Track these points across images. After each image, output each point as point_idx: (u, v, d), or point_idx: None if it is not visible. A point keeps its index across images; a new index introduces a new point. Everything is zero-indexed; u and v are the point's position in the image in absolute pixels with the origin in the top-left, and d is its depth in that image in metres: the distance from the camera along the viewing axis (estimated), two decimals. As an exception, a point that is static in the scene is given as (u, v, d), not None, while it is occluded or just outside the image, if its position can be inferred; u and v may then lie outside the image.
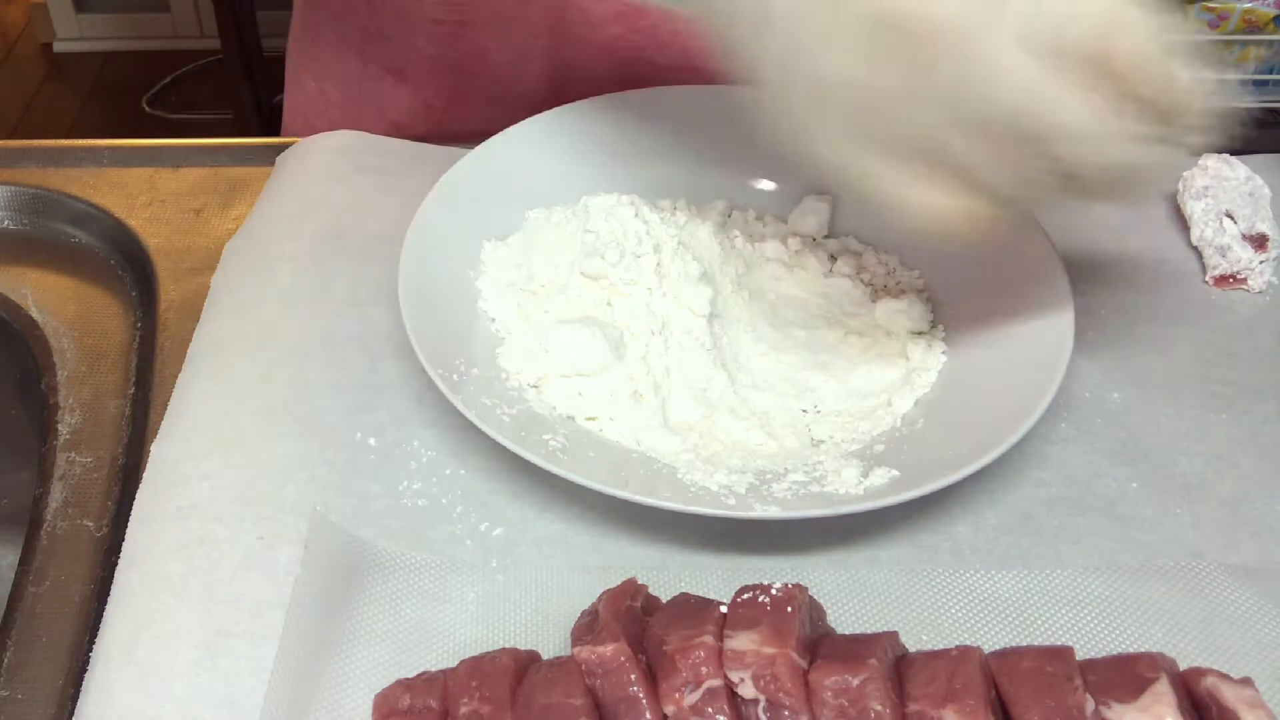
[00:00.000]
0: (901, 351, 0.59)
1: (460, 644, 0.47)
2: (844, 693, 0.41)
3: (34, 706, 0.47)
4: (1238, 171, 0.67)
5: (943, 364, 0.58)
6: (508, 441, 0.49)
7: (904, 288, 0.63)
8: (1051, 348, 0.55)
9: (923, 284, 0.63)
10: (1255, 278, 0.65)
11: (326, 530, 0.50)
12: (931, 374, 0.58)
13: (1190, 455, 0.56)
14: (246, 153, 0.74)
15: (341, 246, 0.64)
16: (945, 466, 0.50)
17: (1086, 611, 0.49)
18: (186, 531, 0.51)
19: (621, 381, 0.56)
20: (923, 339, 0.60)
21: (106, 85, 2.68)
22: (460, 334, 0.57)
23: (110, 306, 0.65)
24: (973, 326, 0.59)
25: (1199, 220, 0.66)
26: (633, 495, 0.48)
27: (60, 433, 0.58)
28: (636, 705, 0.42)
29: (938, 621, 0.49)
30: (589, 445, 0.53)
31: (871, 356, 0.59)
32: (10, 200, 0.70)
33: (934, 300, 0.62)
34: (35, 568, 0.52)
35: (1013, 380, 0.55)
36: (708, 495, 0.50)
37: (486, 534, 0.52)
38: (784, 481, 0.52)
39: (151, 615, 0.48)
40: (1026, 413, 0.51)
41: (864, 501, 0.49)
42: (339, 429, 0.56)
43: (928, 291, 0.63)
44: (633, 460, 0.53)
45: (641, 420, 0.54)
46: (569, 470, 0.49)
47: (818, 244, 0.66)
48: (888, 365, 0.59)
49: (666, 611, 0.44)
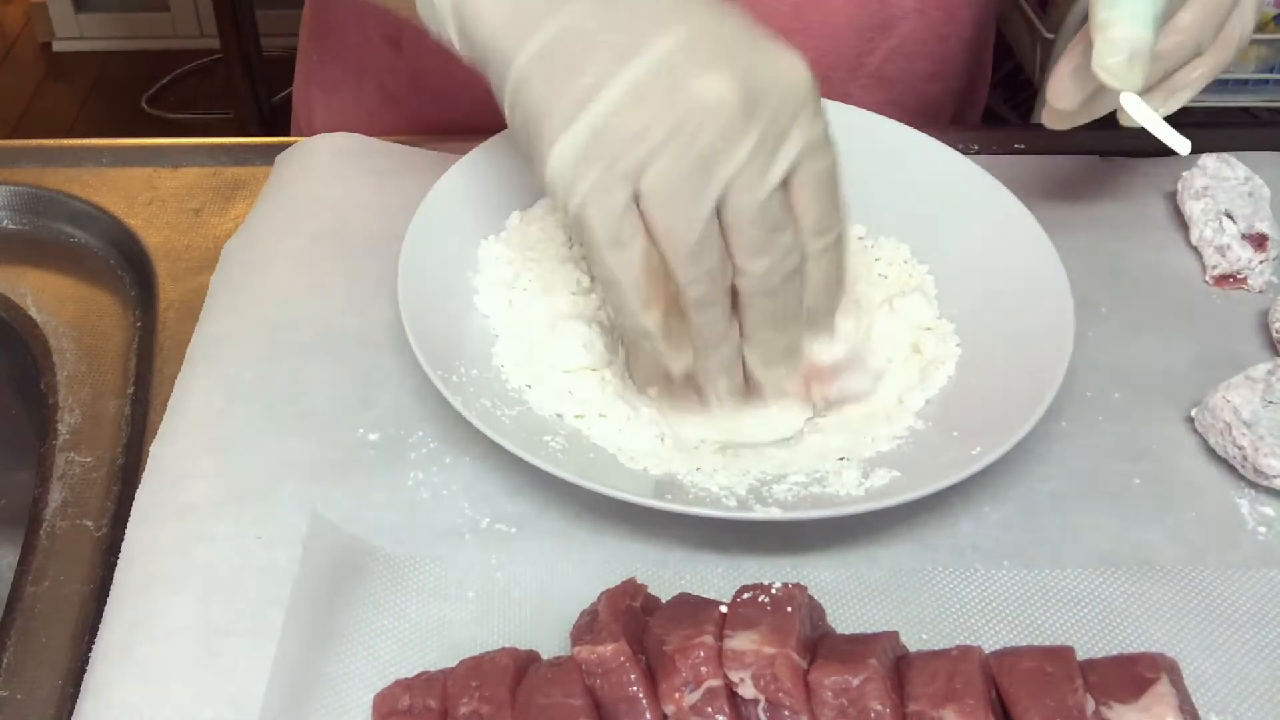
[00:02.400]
0: (915, 346, 0.59)
1: (460, 643, 0.47)
2: (844, 693, 0.41)
3: (34, 706, 0.47)
4: (1237, 171, 0.67)
5: (959, 357, 0.58)
6: (509, 444, 0.49)
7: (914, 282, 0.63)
8: (1052, 347, 0.55)
9: (933, 279, 0.63)
10: (1255, 277, 0.65)
11: (325, 529, 0.50)
12: (949, 367, 0.58)
13: (1191, 454, 0.56)
14: (246, 152, 0.74)
15: (341, 246, 0.64)
16: (946, 467, 0.50)
17: (1086, 611, 0.49)
18: (185, 530, 0.51)
19: (614, 380, 0.56)
20: (932, 334, 0.59)
21: (106, 85, 2.68)
22: (458, 335, 0.57)
23: (110, 306, 0.65)
24: (973, 326, 0.59)
25: (1198, 220, 0.66)
26: (634, 497, 0.48)
27: (60, 433, 0.58)
28: (636, 705, 0.42)
29: (938, 621, 0.49)
30: (589, 446, 0.53)
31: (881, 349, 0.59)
32: (10, 200, 0.70)
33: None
34: (35, 567, 0.52)
35: (1014, 380, 0.55)
36: (708, 497, 0.50)
37: (487, 530, 0.52)
38: (784, 483, 0.52)
39: (150, 614, 0.48)
40: (1028, 413, 0.51)
41: (865, 503, 0.49)
42: (338, 427, 0.56)
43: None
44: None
45: (632, 421, 0.54)
46: (570, 473, 0.49)
47: None
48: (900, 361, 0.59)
49: (666, 611, 0.44)
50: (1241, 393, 0.55)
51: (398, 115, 0.82)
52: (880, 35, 0.76)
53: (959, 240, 0.62)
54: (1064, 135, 0.62)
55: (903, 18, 0.76)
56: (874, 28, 0.76)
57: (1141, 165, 0.72)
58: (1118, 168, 0.72)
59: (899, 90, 0.79)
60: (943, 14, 0.77)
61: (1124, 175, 0.71)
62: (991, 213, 0.62)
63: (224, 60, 2.18)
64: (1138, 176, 0.72)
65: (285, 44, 1.04)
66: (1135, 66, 0.51)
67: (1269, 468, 0.53)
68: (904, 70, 0.79)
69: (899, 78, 0.79)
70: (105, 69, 2.72)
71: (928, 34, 0.78)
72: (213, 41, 2.26)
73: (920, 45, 0.78)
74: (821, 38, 0.75)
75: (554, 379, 0.56)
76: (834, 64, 0.76)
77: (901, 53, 0.78)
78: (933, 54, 0.79)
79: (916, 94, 0.81)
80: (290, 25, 0.94)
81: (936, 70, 0.81)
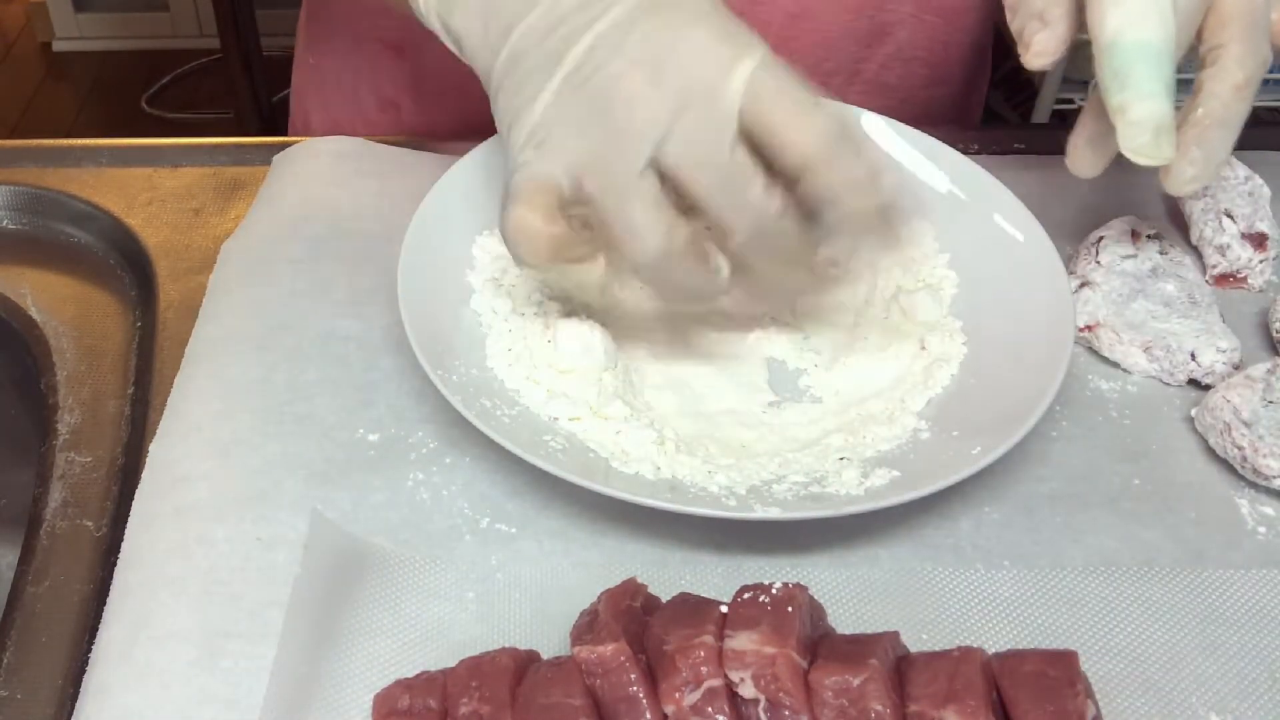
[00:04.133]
0: (918, 341, 0.59)
1: (460, 643, 0.47)
2: (844, 693, 0.41)
3: (34, 706, 0.47)
4: (1237, 171, 0.67)
5: (964, 356, 0.58)
6: (510, 444, 0.49)
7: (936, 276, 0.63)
8: (1052, 347, 0.55)
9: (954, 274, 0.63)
10: (1255, 276, 0.65)
11: (326, 529, 0.50)
12: (953, 366, 0.57)
13: (1191, 454, 0.56)
14: (246, 152, 0.74)
15: (339, 247, 0.64)
16: (946, 467, 0.50)
17: (1087, 611, 0.49)
18: (185, 532, 0.51)
19: (612, 381, 0.56)
20: (938, 332, 0.59)
21: (106, 84, 2.68)
22: (457, 334, 0.57)
23: (110, 306, 0.65)
24: (977, 325, 0.59)
25: (1198, 219, 0.66)
26: (634, 497, 0.48)
27: (60, 432, 0.58)
28: (636, 705, 0.41)
29: (938, 621, 0.49)
30: (589, 446, 0.53)
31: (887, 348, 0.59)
32: (9, 200, 0.70)
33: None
34: (35, 567, 0.52)
35: (1013, 380, 0.55)
36: (708, 497, 0.50)
37: (487, 530, 0.52)
38: (784, 483, 0.52)
39: (150, 616, 0.48)
40: (1028, 412, 0.51)
41: (865, 502, 0.49)
42: (338, 427, 0.56)
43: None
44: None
45: (630, 423, 0.54)
46: (570, 473, 0.49)
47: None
48: (904, 359, 0.59)
49: (667, 611, 0.44)
50: (1241, 392, 0.55)
51: (395, 118, 0.82)
52: (877, 41, 0.77)
53: (967, 240, 0.63)
54: (1057, 135, 0.62)
55: (899, 24, 0.76)
56: (870, 34, 0.76)
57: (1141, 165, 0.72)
58: (1117, 168, 0.72)
59: (898, 96, 0.80)
60: (940, 20, 0.78)
61: (1123, 175, 0.71)
62: (996, 212, 0.62)
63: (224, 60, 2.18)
64: (1137, 175, 0.72)
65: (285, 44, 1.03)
66: (1162, 142, 0.51)
67: (1268, 468, 0.53)
68: (902, 76, 0.79)
69: (897, 84, 0.79)
70: (105, 69, 2.72)
71: (925, 40, 0.78)
72: (212, 41, 2.26)
73: (918, 51, 0.78)
74: (818, 44, 0.75)
75: (551, 379, 0.55)
76: (832, 70, 0.76)
77: (899, 59, 0.78)
78: (931, 60, 0.79)
79: (916, 100, 0.81)
80: (290, 25, 0.94)
81: (935, 76, 0.81)
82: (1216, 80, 0.53)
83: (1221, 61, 0.53)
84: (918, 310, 0.60)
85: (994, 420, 0.52)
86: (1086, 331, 0.60)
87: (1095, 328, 0.60)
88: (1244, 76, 0.53)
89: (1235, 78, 0.53)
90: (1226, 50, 0.53)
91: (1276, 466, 0.53)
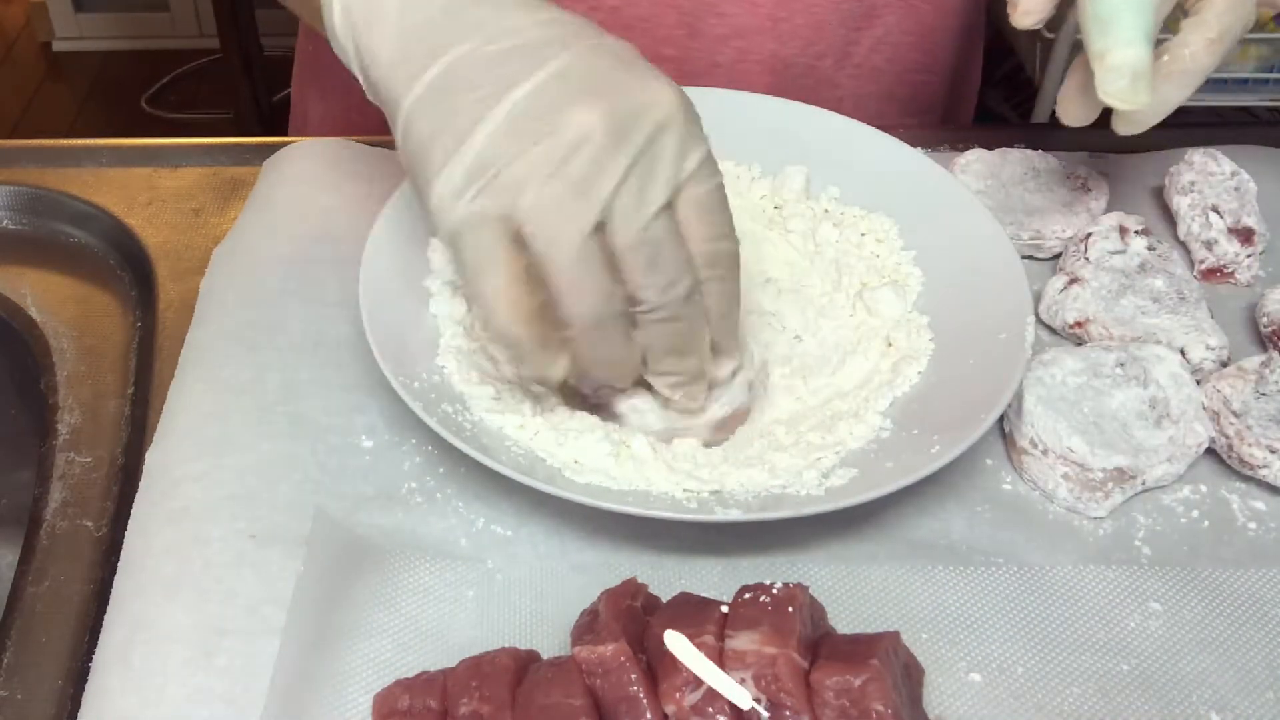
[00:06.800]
0: (885, 338, 0.59)
1: (460, 643, 0.47)
2: (845, 693, 0.41)
3: (34, 706, 0.47)
4: (1223, 166, 0.68)
5: (932, 351, 0.58)
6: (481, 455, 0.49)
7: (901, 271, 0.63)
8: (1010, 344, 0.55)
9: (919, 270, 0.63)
10: (1242, 271, 0.65)
11: (329, 528, 0.50)
12: (920, 363, 0.57)
13: (1190, 453, 0.56)
14: (246, 152, 0.74)
15: (331, 250, 0.64)
16: (907, 466, 0.50)
17: (1083, 607, 0.49)
18: (180, 533, 0.51)
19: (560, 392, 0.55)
20: (904, 328, 0.59)
21: (105, 84, 2.68)
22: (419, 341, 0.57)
23: (110, 306, 0.65)
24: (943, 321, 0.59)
25: (1185, 215, 0.67)
26: (597, 501, 0.48)
27: (60, 433, 0.58)
28: (636, 705, 0.41)
29: (938, 621, 0.49)
30: (540, 457, 0.52)
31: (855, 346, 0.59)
32: (9, 200, 0.70)
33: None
34: (35, 567, 0.52)
35: (976, 377, 0.55)
36: (669, 500, 0.50)
37: (481, 531, 0.52)
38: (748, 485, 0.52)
39: (147, 618, 0.48)
40: (987, 411, 0.51)
41: (825, 503, 0.49)
42: (331, 429, 0.55)
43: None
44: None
45: (584, 436, 0.53)
46: (527, 476, 0.49)
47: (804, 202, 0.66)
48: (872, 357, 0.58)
49: (667, 611, 0.44)
50: (1233, 383, 0.55)
51: None
52: (865, 24, 0.77)
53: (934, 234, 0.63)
54: (1056, 134, 0.62)
55: (886, 6, 0.77)
56: (858, 16, 0.77)
57: (1128, 161, 0.72)
58: (1105, 164, 0.72)
59: (888, 81, 0.80)
60: (928, 5, 0.78)
61: (1111, 171, 0.71)
62: (955, 207, 0.63)
63: (224, 60, 2.18)
64: (1125, 171, 0.72)
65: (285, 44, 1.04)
66: (1139, 87, 0.51)
67: (1253, 457, 0.53)
68: (891, 60, 0.79)
69: (886, 68, 0.80)
70: (105, 69, 2.71)
71: (914, 24, 0.79)
72: (212, 41, 2.26)
73: (906, 36, 0.79)
74: (808, 24, 0.76)
75: (501, 389, 0.55)
76: (820, 53, 0.77)
77: (888, 42, 0.79)
78: (920, 45, 0.80)
79: (906, 85, 0.81)
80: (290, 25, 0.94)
81: (924, 61, 0.81)
82: (1192, 30, 0.54)
83: (1202, 14, 0.54)
84: (881, 306, 0.60)
85: (955, 419, 0.52)
86: (1076, 328, 0.60)
87: (1085, 324, 0.60)
88: (1218, 31, 0.53)
89: (1210, 31, 0.53)
90: (1209, 3, 0.54)
91: (1261, 456, 0.53)
